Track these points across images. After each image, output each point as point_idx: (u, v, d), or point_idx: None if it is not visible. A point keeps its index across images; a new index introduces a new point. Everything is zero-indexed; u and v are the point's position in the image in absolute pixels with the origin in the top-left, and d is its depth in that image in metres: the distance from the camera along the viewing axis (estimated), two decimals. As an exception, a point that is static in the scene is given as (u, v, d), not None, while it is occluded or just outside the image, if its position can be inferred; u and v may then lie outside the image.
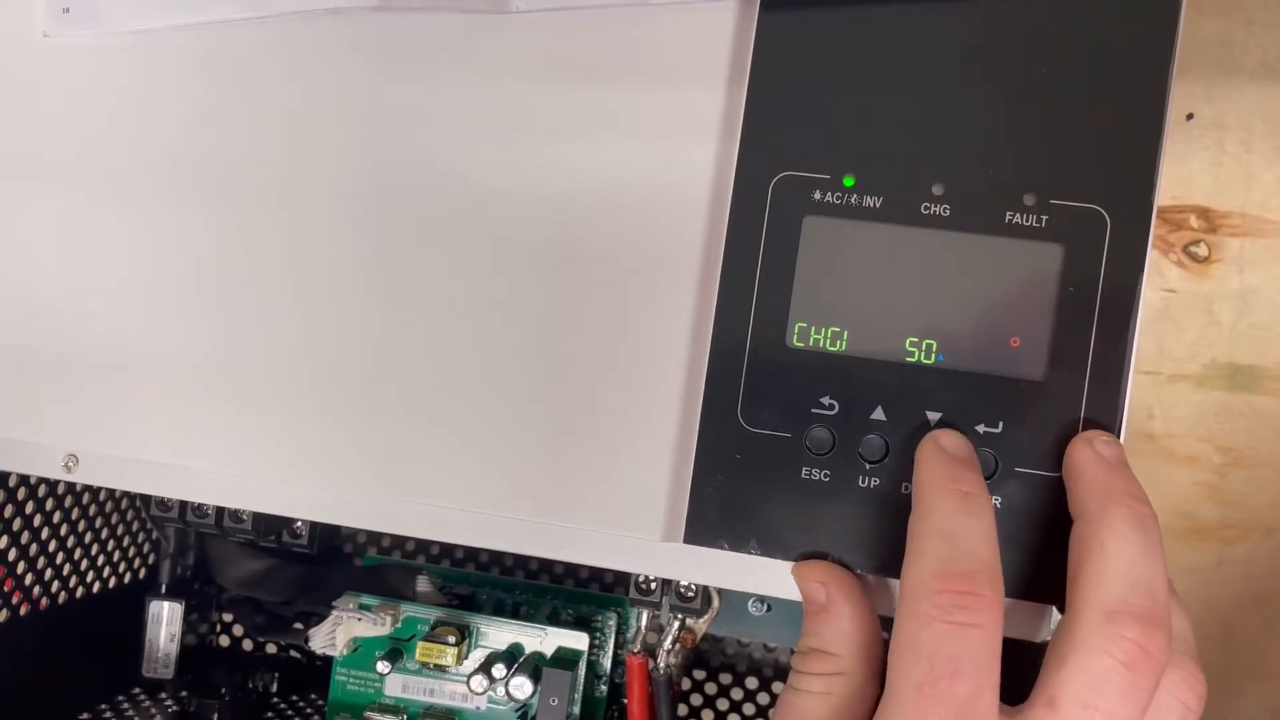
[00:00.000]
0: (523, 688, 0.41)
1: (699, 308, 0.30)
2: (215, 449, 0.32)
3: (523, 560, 0.48)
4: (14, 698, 0.40)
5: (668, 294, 0.30)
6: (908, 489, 0.28)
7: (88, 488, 0.42)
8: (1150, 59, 0.28)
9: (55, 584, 0.41)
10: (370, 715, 0.43)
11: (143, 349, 0.33)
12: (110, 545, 0.44)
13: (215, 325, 0.32)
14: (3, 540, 0.38)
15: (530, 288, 0.31)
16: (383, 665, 0.42)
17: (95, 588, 0.44)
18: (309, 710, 0.47)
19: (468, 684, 0.41)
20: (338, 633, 0.42)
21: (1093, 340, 0.28)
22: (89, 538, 0.43)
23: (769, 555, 0.29)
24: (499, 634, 0.43)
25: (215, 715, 0.45)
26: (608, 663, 0.44)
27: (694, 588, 0.38)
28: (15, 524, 0.38)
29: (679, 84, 0.31)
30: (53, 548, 0.41)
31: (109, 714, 0.44)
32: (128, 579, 0.46)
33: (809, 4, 0.29)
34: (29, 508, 0.39)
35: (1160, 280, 0.42)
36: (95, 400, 0.33)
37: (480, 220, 0.31)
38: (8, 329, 0.33)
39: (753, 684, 0.47)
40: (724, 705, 0.47)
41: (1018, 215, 0.28)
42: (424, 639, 0.42)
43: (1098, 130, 0.28)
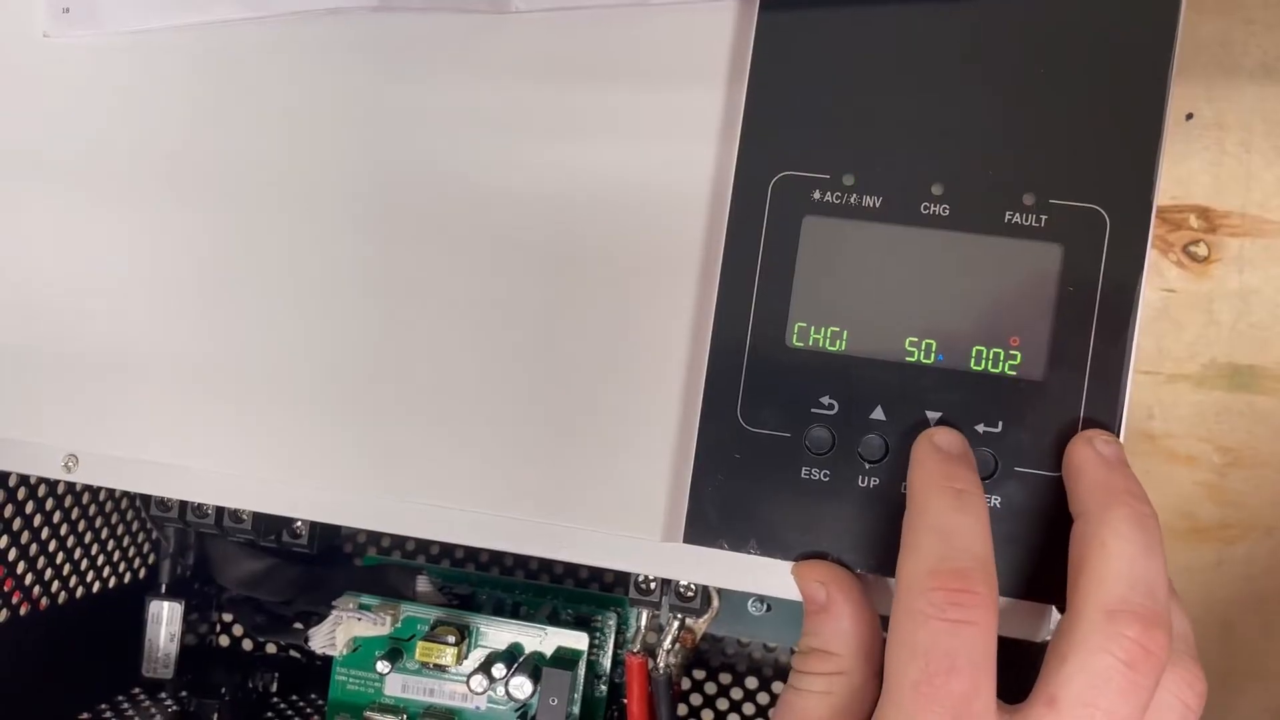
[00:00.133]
0: (522, 687, 0.41)
1: (699, 307, 0.30)
2: (215, 449, 0.32)
3: (523, 560, 0.48)
4: (14, 697, 0.40)
5: (667, 294, 0.30)
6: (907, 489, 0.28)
7: (88, 487, 0.42)
8: (1150, 59, 0.28)
9: (55, 584, 0.41)
10: (370, 715, 0.43)
11: (143, 349, 0.33)
12: (110, 545, 0.44)
13: (215, 325, 0.32)
14: (3, 540, 0.38)
15: (530, 288, 0.31)
16: (382, 665, 0.42)
17: (95, 588, 0.44)
18: (309, 710, 0.47)
19: (467, 684, 0.41)
20: (338, 632, 0.42)
21: (1092, 340, 0.28)
22: (89, 538, 0.43)
23: (769, 555, 0.29)
24: (499, 634, 0.43)
25: (215, 715, 0.45)
26: (607, 662, 0.44)
27: (694, 587, 0.38)
28: (15, 524, 0.38)
29: (679, 84, 0.31)
30: (53, 548, 0.41)
31: (109, 714, 0.44)
32: (128, 579, 0.46)
33: (809, 4, 0.29)
34: (29, 507, 0.39)
35: (1160, 280, 0.42)
36: (95, 400, 0.33)
37: (480, 220, 0.31)
38: (8, 329, 0.33)
39: (752, 684, 0.47)
40: (724, 705, 0.47)
41: (1017, 215, 0.28)
42: (424, 639, 0.42)
43: (1097, 130, 0.28)
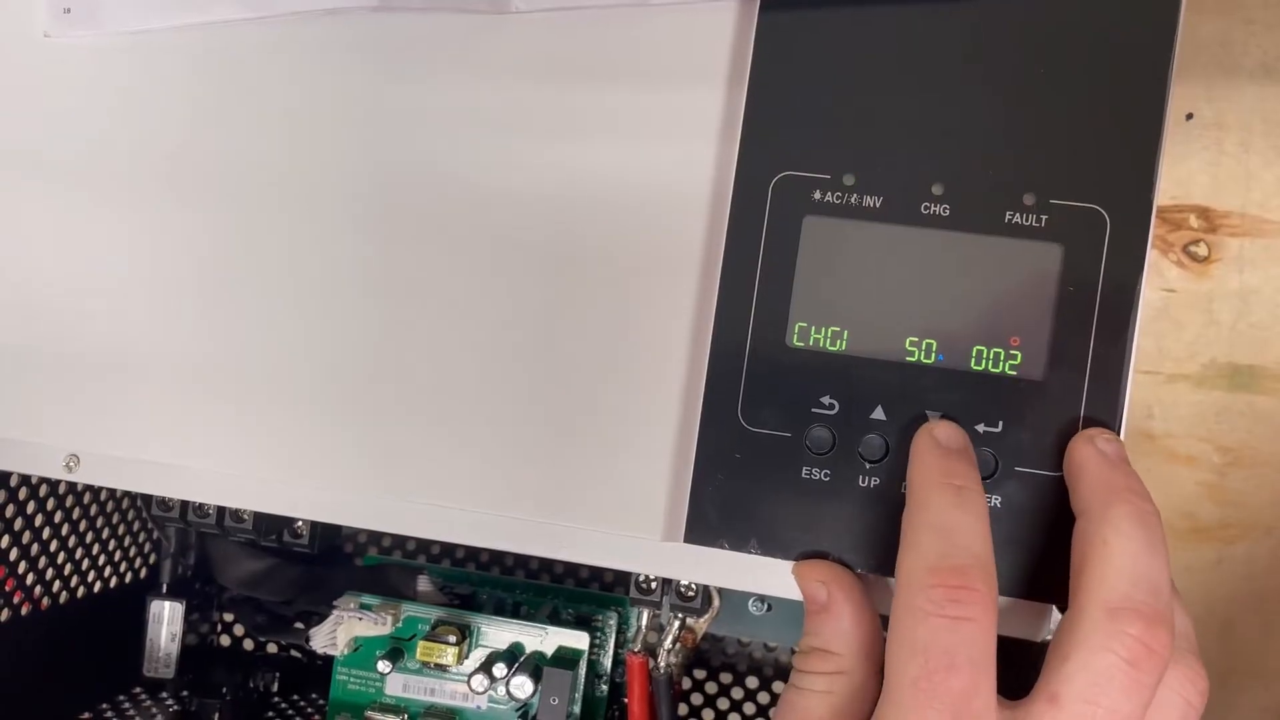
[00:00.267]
0: (523, 687, 0.41)
1: (699, 307, 0.30)
2: (215, 449, 0.32)
3: (523, 560, 0.48)
4: (15, 697, 0.40)
5: (668, 294, 0.30)
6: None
7: (89, 487, 0.42)
8: (1150, 59, 0.28)
9: (56, 583, 0.41)
10: (371, 715, 0.43)
11: (143, 349, 0.33)
12: (111, 545, 0.44)
13: (215, 325, 0.32)
14: (4, 540, 0.38)
15: (530, 288, 0.31)
16: (383, 665, 0.42)
17: (96, 587, 0.44)
18: (310, 710, 0.47)
19: (468, 683, 0.41)
20: (339, 632, 0.42)
21: (1093, 340, 0.28)
22: (90, 537, 0.43)
23: (769, 555, 0.29)
24: (499, 633, 0.43)
25: (216, 715, 0.45)
26: (608, 662, 0.44)
27: (694, 587, 0.38)
28: (16, 524, 0.38)
29: (679, 84, 0.31)
30: (54, 547, 0.41)
31: (110, 713, 0.44)
32: (129, 578, 0.46)
33: (809, 4, 0.29)
34: (30, 507, 0.39)
35: (1160, 280, 0.42)
36: (95, 400, 0.33)
37: (480, 220, 0.31)
38: (8, 329, 0.33)
39: (753, 683, 0.47)
40: (724, 705, 0.47)
41: (1018, 215, 0.28)
42: (425, 638, 0.42)
43: (1097, 130, 0.28)
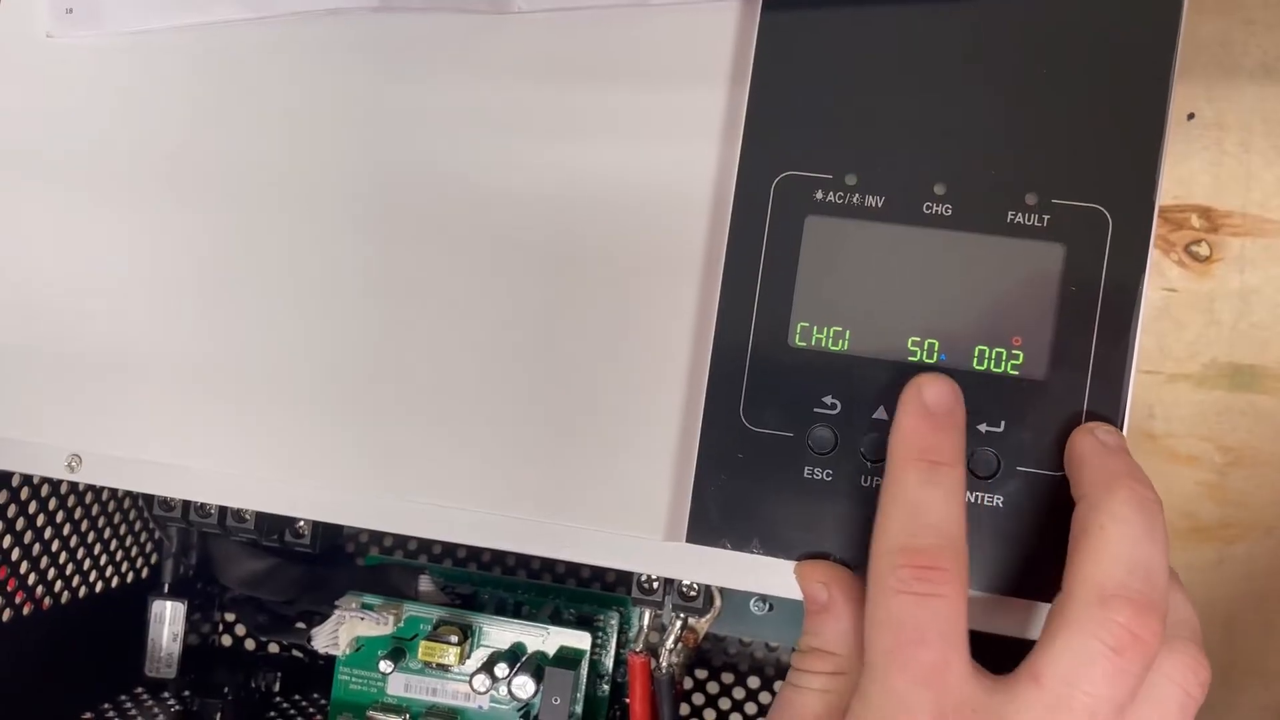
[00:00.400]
0: (525, 687, 0.41)
1: (701, 308, 0.30)
2: (216, 449, 0.32)
3: (525, 560, 0.48)
4: (17, 697, 0.40)
5: (669, 294, 0.30)
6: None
7: (90, 487, 0.42)
8: (1152, 58, 0.28)
9: (58, 583, 0.41)
10: (373, 715, 0.43)
11: (143, 349, 0.33)
12: (113, 545, 0.44)
13: (215, 325, 0.32)
14: (6, 540, 0.38)
15: (531, 288, 0.31)
16: (385, 665, 0.42)
17: (98, 587, 0.44)
18: (312, 710, 0.47)
19: (470, 683, 0.41)
20: (340, 632, 0.42)
21: (1094, 340, 0.28)
22: (91, 537, 0.43)
23: (771, 555, 0.29)
24: (501, 633, 0.43)
25: (218, 715, 0.45)
26: (610, 662, 0.44)
27: (696, 587, 0.38)
28: (18, 523, 0.38)
29: (680, 84, 0.31)
30: (55, 547, 0.41)
31: (112, 713, 0.44)
32: (130, 578, 0.46)
33: (811, 4, 0.29)
34: (32, 507, 0.39)
35: (1161, 280, 0.42)
36: (96, 400, 0.33)
37: (480, 220, 0.31)
38: (8, 329, 0.33)
39: (755, 683, 0.47)
40: (726, 704, 0.47)
41: (1020, 215, 0.28)
42: (426, 638, 0.42)
43: (1099, 130, 0.28)
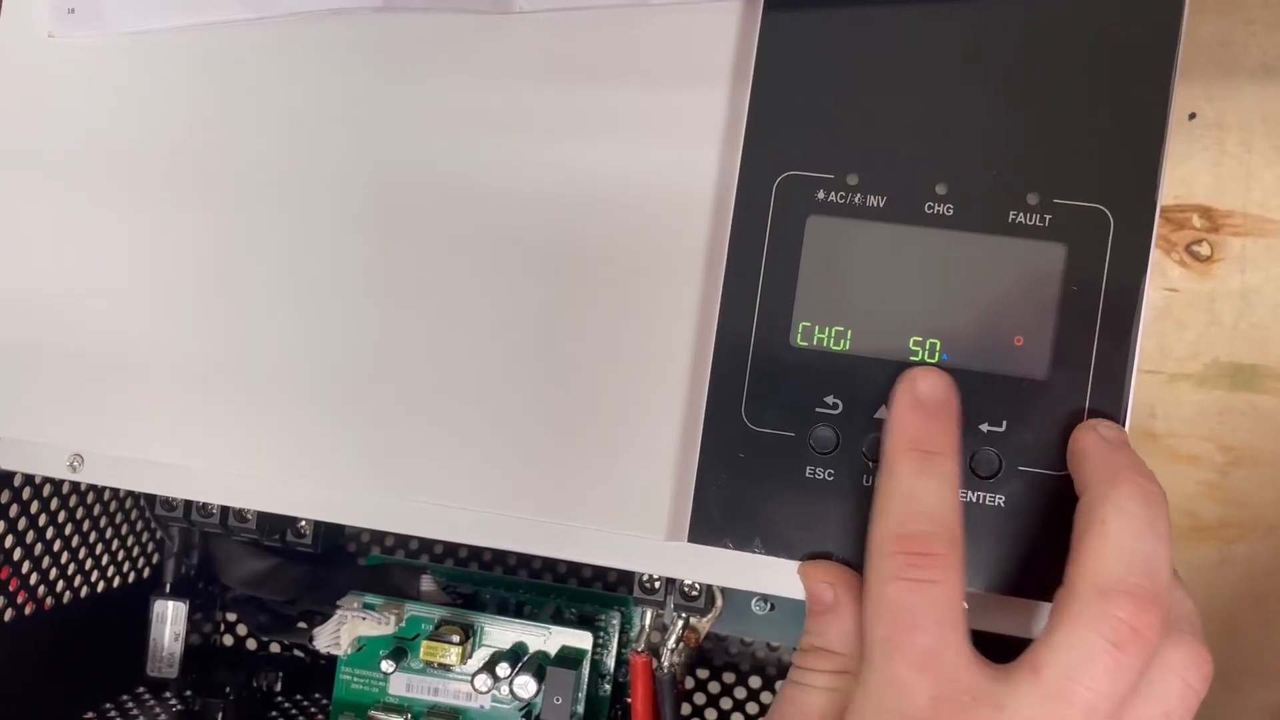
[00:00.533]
0: (527, 687, 0.41)
1: (703, 307, 0.30)
2: (216, 448, 0.32)
3: (526, 559, 0.48)
4: (19, 697, 0.40)
5: (670, 294, 0.30)
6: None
7: (92, 487, 0.42)
8: (1153, 58, 0.28)
9: (60, 583, 0.41)
10: (375, 714, 0.43)
11: (143, 349, 0.33)
12: (115, 544, 0.44)
13: (215, 325, 0.32)
14: (8, 540, 0.38)
15: (531, 288, 0.31)
16: (387, 664, 0.42)
17: (100, 587, 0.44)
18: (313, 709, 0.47)
19: (472, 683, 0.41)
20: (342, 632, 0.42)
21: (1096, 339, 0.28)
22: (93, 537, 0.43)
23: (773, 554, 0.29)
24: (503, 633, 0.43)
25: (220, 714, 0.45)
26: (611, 662, 0.44)
27: (698, 587, 0.38)
28: (20, 523, 0.38)
29: (681, 84, 0.31)
30: (57, 547, 0.41)
31: (113, 713, 0.44)
32: (132, 578, 0.46)
33: (812, 4, 0.29)
34: (34, 507, 0.39)
35: (1162, 279, 0.42)
36: (97, 400, 0.33)
37: (481, 220, 0.31)
38: (8, 329, 0.33)
39: (756, 683, 0.47)
40: (727, 704, 0.47)
41: (1021, 215, 0.28)
42: (428, 638, 0.42)
43: (1100, 130, 0.28)
